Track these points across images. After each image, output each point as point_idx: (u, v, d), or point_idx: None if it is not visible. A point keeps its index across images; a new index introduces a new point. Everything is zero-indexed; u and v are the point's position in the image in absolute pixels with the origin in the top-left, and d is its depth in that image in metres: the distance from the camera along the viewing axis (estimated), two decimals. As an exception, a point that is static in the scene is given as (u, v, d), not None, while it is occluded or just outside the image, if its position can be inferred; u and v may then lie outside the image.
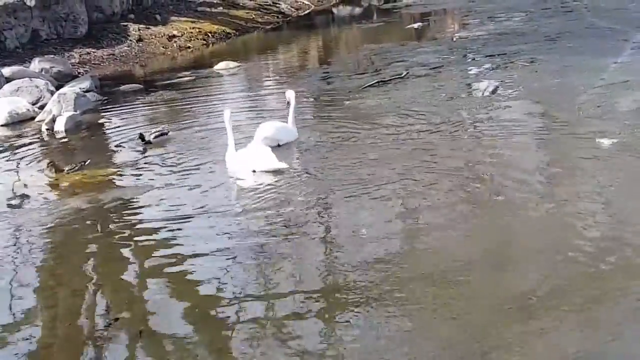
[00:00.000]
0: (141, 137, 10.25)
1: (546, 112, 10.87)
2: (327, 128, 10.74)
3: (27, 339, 5.47)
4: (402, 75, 14.21)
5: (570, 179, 8.06)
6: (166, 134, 10.30)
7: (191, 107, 13.04)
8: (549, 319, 5.26)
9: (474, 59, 15.78)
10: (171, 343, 5.35)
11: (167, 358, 5.19)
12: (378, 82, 13.73)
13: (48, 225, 7.57)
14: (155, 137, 10.16)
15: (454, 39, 18.81)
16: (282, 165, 8.72)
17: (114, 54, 18.61)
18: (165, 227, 7.36)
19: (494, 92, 12.44)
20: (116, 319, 5.64)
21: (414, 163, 8.69)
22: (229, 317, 5.64)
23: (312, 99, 13.29)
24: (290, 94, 10.29)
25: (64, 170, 9.12)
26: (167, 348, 5.30)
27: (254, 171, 8.79)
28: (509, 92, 12.24)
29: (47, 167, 9.19)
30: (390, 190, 7.90)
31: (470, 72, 14.42)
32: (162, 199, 8.16)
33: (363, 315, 5.46)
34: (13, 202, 8.45)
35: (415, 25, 22.39)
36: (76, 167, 9.18)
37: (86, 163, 9.33)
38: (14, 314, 5.84)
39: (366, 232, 6.87)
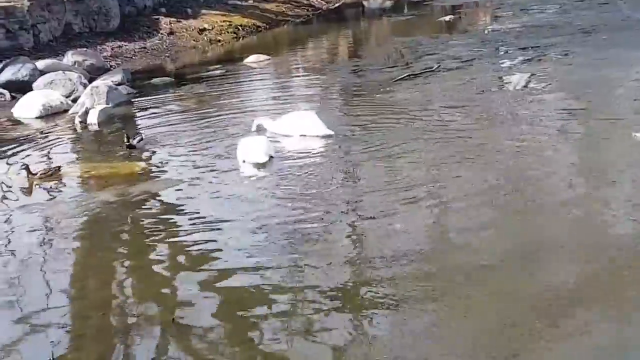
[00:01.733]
0: (127, 138, 9.88)
1: (580, 106, 10.74)
2: (356, 121, 10.69)
3: (61, 327, 5.51)
4: (434, 68, 14.15)
5: (606, 173, 7.96)
6: (142, 138, 10.03)
7: (221, 100, 13.05)
8: (582, 317, 5.20)
9: (506, 52, 15.67)
10: (202, 332, 5.36)
11: (198, 347, 5.19)
12: (409, 75, 13.68)
13: (76, 217, 7.60)
14: (138, 141, 9.88)
15: (486, 32, 18.69)
16: (266, 159, 8.89)
17: (145, 47, 18.69)
18: (193, 220, 7.36)
19: (526, 85, 12.34)
20: (149, 309, 5.68)
21: (444, 157, 8.63)
22: (259, 308, 5.63)
23: (342, 92, 13.27)
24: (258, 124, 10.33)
25: (36, 174, 8.84)
26: (198, 337, 5.30)
27: (244, 161, 8.95)
28: (542, 85, 12.13)
29: (21, 170, 8.89)
30: (421, 184, 7.86)
31: (502, 65, 14.32)
32: (190, 192, 8.17)
33: (393, 310, 5.43)
34: (44, 194, 8.49)
35: (447, 18, 22.28)
36: (50, 172, 8.91)
37: (60, 168, 9.09)
38: (46, 304, 5.87)
39: (399, 226, 6.79)
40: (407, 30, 20.76)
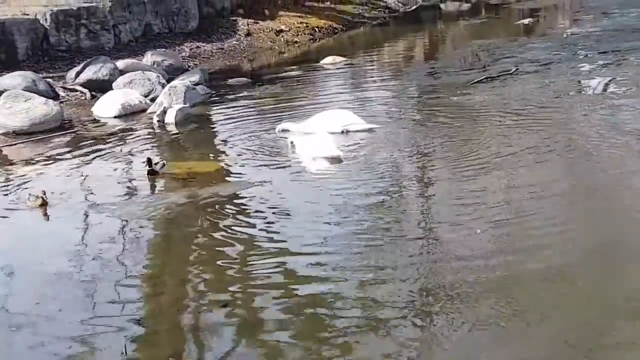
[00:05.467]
0: (149, 163, 9.02)
1: (662, 111, 10.39)
2: (432, 124, 10.59)
3: (135, 323, 5.55)
4: (511, 71, 13.93)
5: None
6: (165, 164, 9.24)
7: (296, 101, 13.07)
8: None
9: (586, 55, 15.32)
10: (275, 331, 5.35)
11: (271, 346, 5.17)
12: (486, 78, 13.51)
13: (145, 218, 7.63)
14: (161, 167, 9.14)
15: (565, 35, 18.32)
16: (340, 153, 9.04)
17: (223, 48, 18.88)
18: (265, 222, 7.32)
19: (605, 89, 12.04)
20: (224, 305, 5.69)
21: (521, 162, 8.44)
22: (331, 309, 5.57)
23: (418, 95, 13.15)
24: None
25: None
26: (272, 336, 5.30)
27: (314, 159, 9.10)
28: (623, 90, 11.80)
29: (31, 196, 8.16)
30: (498, 187, 7.71)
31: (581, 69, 14.02)
32: (262, 193, 8.13)
33: (468, 312, 5.30)
34: (117, 193, 8.54)
35: (525, 21, 21.95)
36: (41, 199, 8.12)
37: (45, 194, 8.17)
38: (119, 302, 5.92)
39: (479, 231, 6.62)
40: (484, 33, 20.48)
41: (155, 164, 9.05)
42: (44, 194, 8.11)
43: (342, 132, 10.06)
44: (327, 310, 5.53)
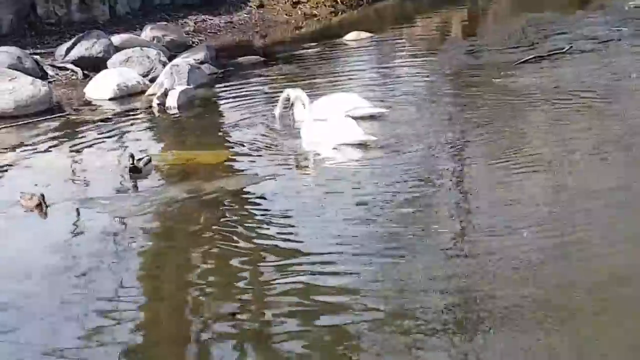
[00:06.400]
0: (132, 158, 8.74)
1: None
2: (472, 112, 10.52)
3: (133, 333, 5.62)
4: (564, 49, 13.86)
5: None
6: (150, 160, 9.08)
7: (315, 83, 13.03)
8: None
9: (650, 31, 15.21)
10: (284, 339, 5.40)
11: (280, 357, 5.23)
12: (534, 57, 13.44)
13: (139, 216, 7.64)
14: (145, 164, 8.89)
15: (627, 8, 18.19)
16: (371, 137, 9.09)
17: (232, 22, 18.86)
18: (271, 221, 7.34)
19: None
20: (233, 315, 5.72)
21: (575, 158, 8.44)
22: (349, 318, 5.59)
23: (455, 77, 13.09)
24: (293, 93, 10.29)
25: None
26: (280, 346, 5.34)
27: (335, 148, 9.12)
28: (693, 71, 11.72)
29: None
30: (547, 189, 7.71)
31: (645, 48, 13.92)
32: (272, 187, 8.19)
33: (507, 331, 5.28)
34: (110, 186, 8.55)
35: (581, -9, 21.84)
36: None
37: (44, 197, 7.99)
38: (117, 309, 5.96)
39: (526, 235, 6.59)
40: (533, 5, 20.33)
41: (139, 160, 8.82)
42: (45, 201, 7.82)
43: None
44: (346, 337, 5.46)
